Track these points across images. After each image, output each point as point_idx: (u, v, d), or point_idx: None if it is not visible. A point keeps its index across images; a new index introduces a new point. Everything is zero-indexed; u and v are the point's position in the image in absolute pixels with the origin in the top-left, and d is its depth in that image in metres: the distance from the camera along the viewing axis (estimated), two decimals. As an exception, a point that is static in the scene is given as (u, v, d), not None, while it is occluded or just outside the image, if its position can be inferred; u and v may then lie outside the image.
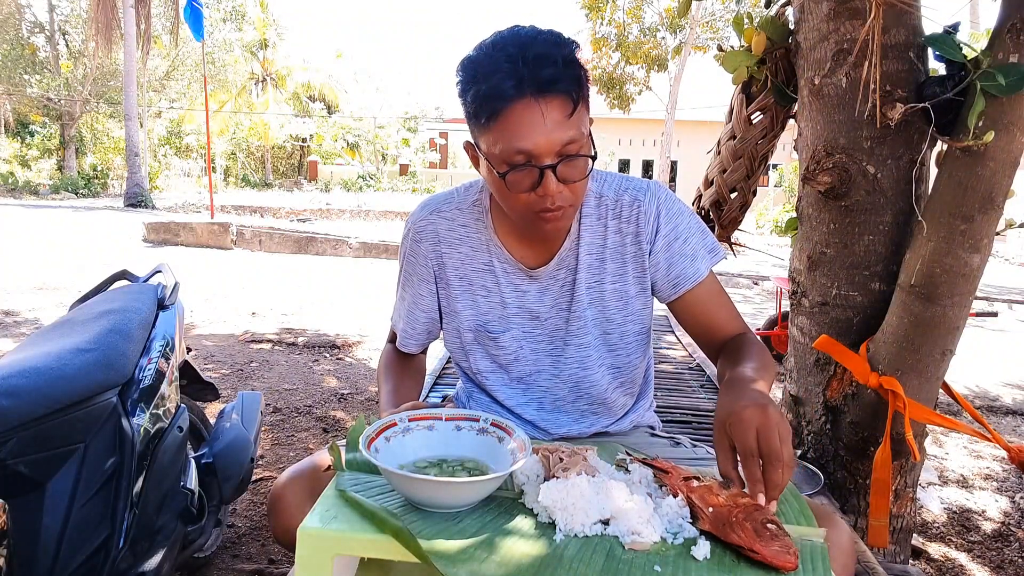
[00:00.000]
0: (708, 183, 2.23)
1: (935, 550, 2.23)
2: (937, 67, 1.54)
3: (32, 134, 22.34)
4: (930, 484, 2.72)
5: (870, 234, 1.64)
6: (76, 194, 17.78)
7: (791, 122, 2.01)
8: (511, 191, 1.00)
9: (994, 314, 4.55)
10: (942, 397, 1.69)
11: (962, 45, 1.42)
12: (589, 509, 0.78)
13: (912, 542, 1.99)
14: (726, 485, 0.85)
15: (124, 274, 1.82)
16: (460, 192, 1.22)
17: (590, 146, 1.01)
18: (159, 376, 1.46)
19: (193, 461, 1.60)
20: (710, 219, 2.22)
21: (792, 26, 1.80)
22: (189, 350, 1.87)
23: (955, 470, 2.93)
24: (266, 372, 3.93)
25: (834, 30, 1.61)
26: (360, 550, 0.77)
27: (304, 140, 27.70)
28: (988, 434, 1.58)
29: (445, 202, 1.21)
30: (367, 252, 9.83)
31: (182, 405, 1.56)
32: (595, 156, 1.01)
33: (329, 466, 0.98)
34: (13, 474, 1.13)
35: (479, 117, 0.97)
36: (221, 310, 5.61)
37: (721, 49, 2.10)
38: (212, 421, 1.90)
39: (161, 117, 24.47)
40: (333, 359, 4.32)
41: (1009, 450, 1.59)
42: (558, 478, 0.83)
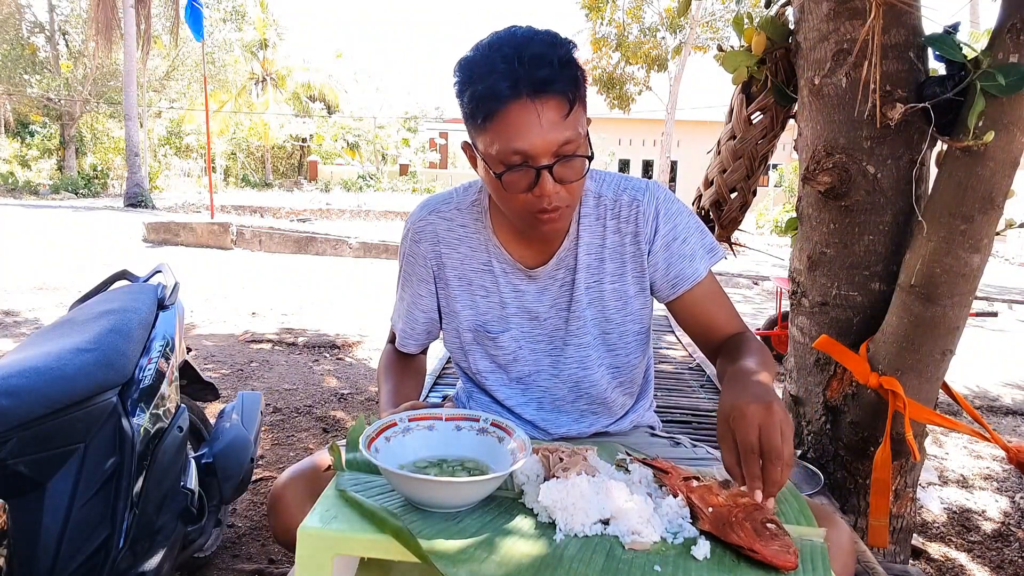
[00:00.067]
0: (708, 183, 2.23)
1: (935, 550, 2.23)
2: (937, 67, 1.54)
3: (32, 134, 22.34)
4: (930, 484, 2.72)
5: (870, 234, 1.64)
6: (76, 194, 17.78)
7: (791, 122, 2.01)
8: (508, 192, 1.00)
9: (994, 314, 4.55)
10: (942, 397, 1.69)
11: (962, 45, 1.42)
12: (589, 509, 0.78)
13: (912, 542, 1.99)
14: (726, 485, 0.85)
15: (124, 274, 1.82)
16: (459, 192, 1.22)
17: (587, 146, 1.01)
18: (159, 376, 1.46)
19: (193, 461, 1.60)
20: (710, 219, 2.23)
21: (792, 26, 1.80)
22: (189, 350, 1.87)
23: (955, 470, 2.93)
24: (266, 372, 3.93)
25: (834, 30, 1.61)
26: (360, 550, 0.77)
27: (304, 140, 27.70)
28: (987, 434, 1.58)
29: (444, 202, 1.21)
30: (367, 252, 9.83)
31: (182, 405, 1.57)
32: (592, 156, 1.01)
33: (329, 466, 0.98)
34: (13, 474, 1.13)
35: (476, 118, 0.97)
36: (221, 310, 5.61)
37: (721, 49, 2.10)
38: (212, 421, 1.90)
39: (161, 117, 24.47)
40: (333, 359, 4.32)
41: (1008, 450, 1.59)
42: (558, 478, 0.83)
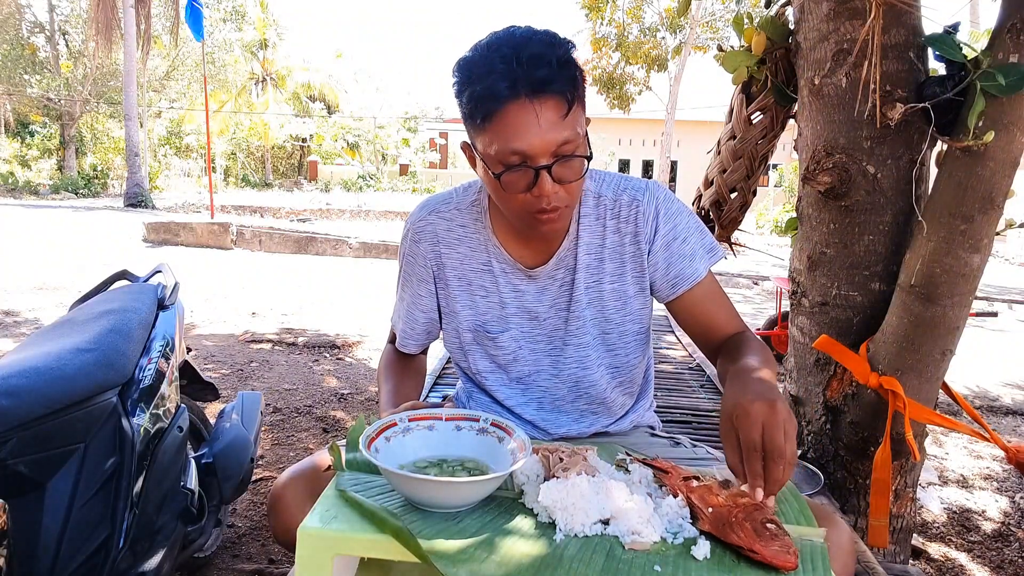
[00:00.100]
0: (708, 183, 2.23)
1: (935, 550, 2.23)
2: (937, 67, 1.54)
3: (32, 134, 22.34)
4: (930, 484, 2.72)
5: (870, 234, 1.64)
6: (76, 194, 17.77)
7: (791, 122, 2.01)
8: (507, 192, 1.00)
9: (994, 314, 4.55)
10: (942, 397, 1.69)
11: (962, 45, 1.42)
12: (589, 509, 0.78)
13: (912, 542, 1.99)
14: (726, 485, 0.85)
15: (124, 274, 1.82)
16: (459, 192, 1.22)
17: (586, 146, 1.01)
18: (159, 376, 1.46)
19: (193, 461, 1.60)
20: (710, 219, 2.22)
21: (792, 26, 1.80)
22: (189, 350, 1.87)
23: (955, 470, 2.93)
24: (266, 372, 3.93)
25: (834, 30, 1.61)
26: (360, 550, 0.77)
27: (304, 140, 27.69)
28: (986, 434, 1.58)
29: (444, 202, 1.22)
30: (367, 252, 9.83)
31: (182, 405, 1.57)
32: (590, 156, 1.01)
33: (329, 466, 0.98)
34: (13, 474, 1.13)
35: (474, 118, 0.97)
36: (221, 310, 5.61)
37: (721, 49, 2.10)
38: (212, 421, 1.90)
39: (161, 117, 24.46)
40: (333, 359, 4.32)
41: (1007, 450, 1.59)
42: (558, 478, 0.83)
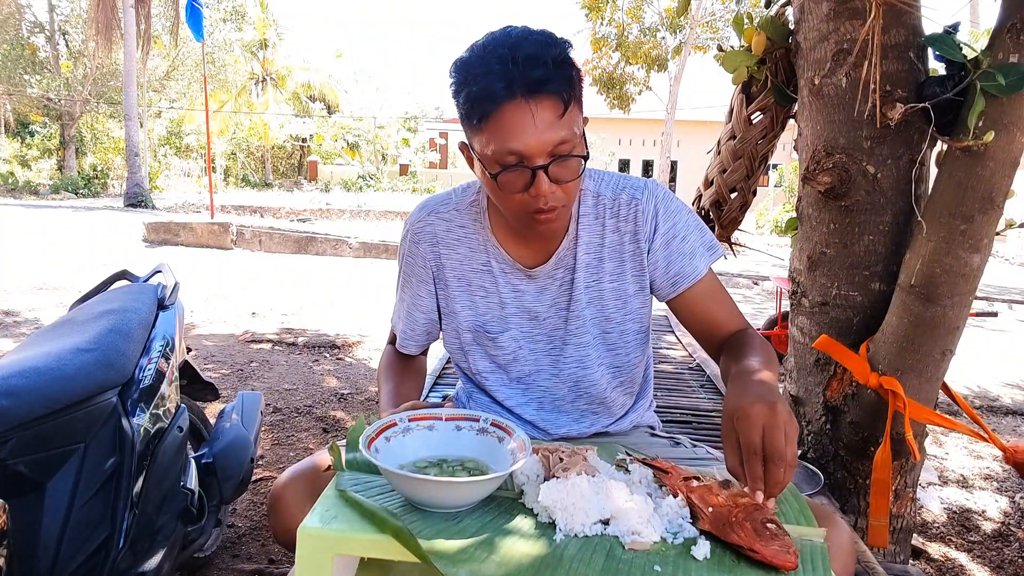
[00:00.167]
0: (708, 183, 2.23)
1: (935, 550, 2.23)
2: (937, 67, 1.54)
3: (32, 134, 22.33)
4: (930, 484, 2.72)
5: (870, 234, 1.64)
6: (76, 194, 17.76)
7: (791, 122, 2.01)
8: (504, 192, 1.00)
9: (994, 314, 4.54)
10: (942, 397, 1.69)
11: (962, 45, 1.42)
12: (589, 509, 0.78)
13: (912, 542, 1.99)
14: (726, 485, 0.85)
15: (124, 274, 1.82)
16: (458, 193, 1.22)
17: (583, 146, 1.01)
18: (159, 376, 1.46)
19: (193, 461, 1.60)
20: (710, 219, 2.22)
21: (792, 26, 1.80)
22: (189, 350, 1.87)
23: (955, 470, 2.93)
24: (266, 372, 3.93)
25: (834, 30, 1.61)
26: (360, 550, 0.77)
27: (304, 140, 27.69)
28: (985, 434, 1.58)
29: (443, 203, 1.22)
30: (367, 252, 9.83)
31: (182, 405, 1.57)
32: (587, 156, 1.01)
33: (329, 466, 0.98)
34: (13, 474, 1.13)
35: (471, 119, 0.97)
36: (221, 310, 5.61)
37: (721, 49, 2.10)
38: (212, 421, 1.90)
39: (161, 117, 24.46)
40: (333, 359, 4.32)
41: (1004, 450, 1.59)
42: (558, 478, 0.83)
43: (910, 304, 1.51)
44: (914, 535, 2.13)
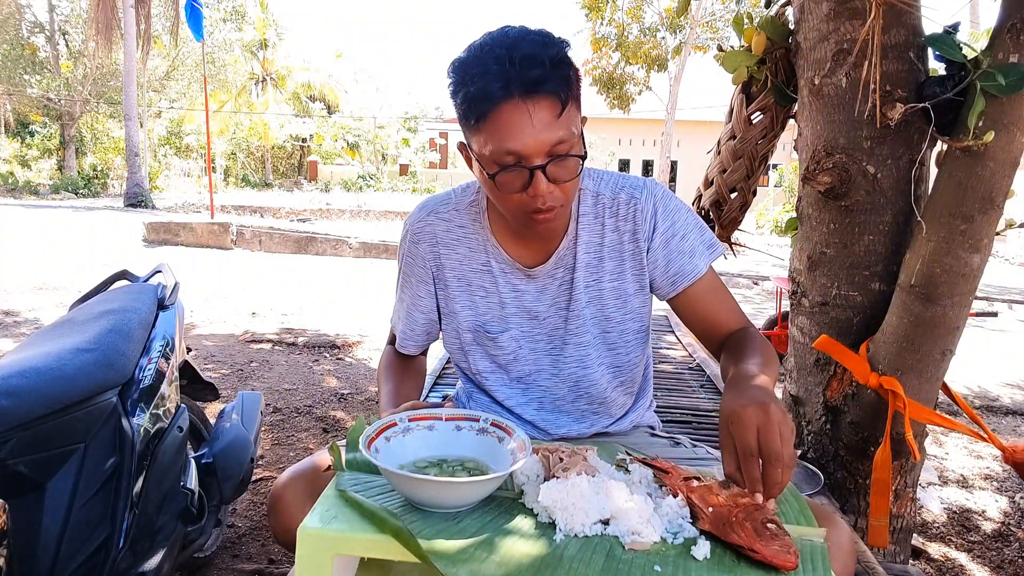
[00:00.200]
0: (708, 183, 2.23)
1: (935, 550, 2.23)
2: (937, 67, 1.54)
3: (32, 134, 22.33)
4: (930, 484, 2.72)
5: (870, 234, 1.64)
6: (76, 194, 17.76)
7: (791, 122, 2.01)
8: (502, 192, 1.00)
9: (994, 314, 4.54)
10: (942, 396, 1.69)
11: (962, 45, 1.42)
12: (589, 509, 0.78)
13: (912, 542, 1.99)
14: (726, 485, 0.85)
15: (124, 274, 1.82)
16: (457, 193, 1.22)
17: (581, 146, 1.00)
18: (159, 376, 1.46)
19: (193, 461, 1.60)
20: (710, 219, 2.22)
21: (792, 26, 1.80)
22: (189, 350, 1.87)
23: (955, 470, 2.93)
24: (266, 372, 3.93)
25: (834, 30, 1.61)
26: (360, 550, 0.77)
27: (304, 140, 27.68)
28: (985, 434, 1.58)
29: (442, 203, 1.22)
30: (367, 252, 9.83)
31: (182, 405, 1.57)
32: (585, 156, 1.01)
33: (329, 466, 0.98)
34: (13, 474, 1.13)
35: (469, 119, 0.97)
36: (221, 310, 5.61)
37: (721, 49, 2.10)
38: (212, 421, 1.90)
39: (161, 117, 24.45)
40: (333, 359, 4.32)
41: (1003, 450, 1.59)
42: (558, 478, 0.83)
43: (910, 304, 1.51)
44: (914, 535, 2.13)
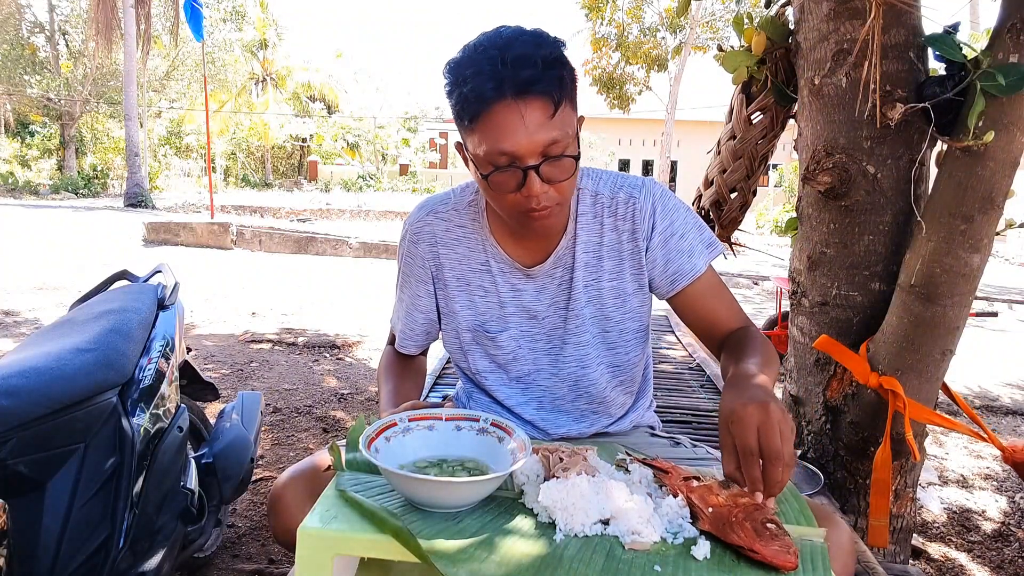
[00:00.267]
0: (708, 183, 2.23)
1: (935, 550, 2.23)
2: (937, 67, 1.54)
3: (32, 134, 22.33)
4: (930, 484, 2.72)
5: (870, 234, 1.64)
6: (76, 194, 17.76)
7: (791, 122, 2.01)
8: (496, 192, 1.01)
9: (994, 314, 4.54)
10: (942, 397, 1.69)
11: (962, 45, 1.42)
12: (589, 509, 0.78)
13: (912, 542, 1.99)
14: (726, 485, 0.85)
15: (124, 274, 1.82)
16: (456, 193, 1.22)
17: (576, 146, 1.00)
18: (159, 376, 1.46)
19: (193, 461, 1.60)
20: (710, 219, 2.22)
21: (792, 26, 1.80)
22: (189, 350, 1.87)
23: (955, 470, 2.93)
24: (266, 372, 3.93)
25: (834, 30, 1.61)
26: (360, 550, 0.77)
27: (304, 140, 27.68)
28: (984, 434, 1.58)
29: (441, 203, 1.22)
30: (367, 252, 9.83)
31: (182, 405, 1.56)
32: (578, 156, 1.01)
33: (329, 466, 0.98)
34: (13, 474, 1.13)
35: (463, 119, 0.98)
36: (221, 310, 5.61)
37: (721, 49, 2.10)
38: (212, 421, 1.90)
39: (161, 117, 24.46)
40: (333, 359, 4.32)
41: (1003, 449, 1.59)
42: (558, 478, 0.83)
43: (910, 304, 1.51)
44: (914, 535, 2.13)
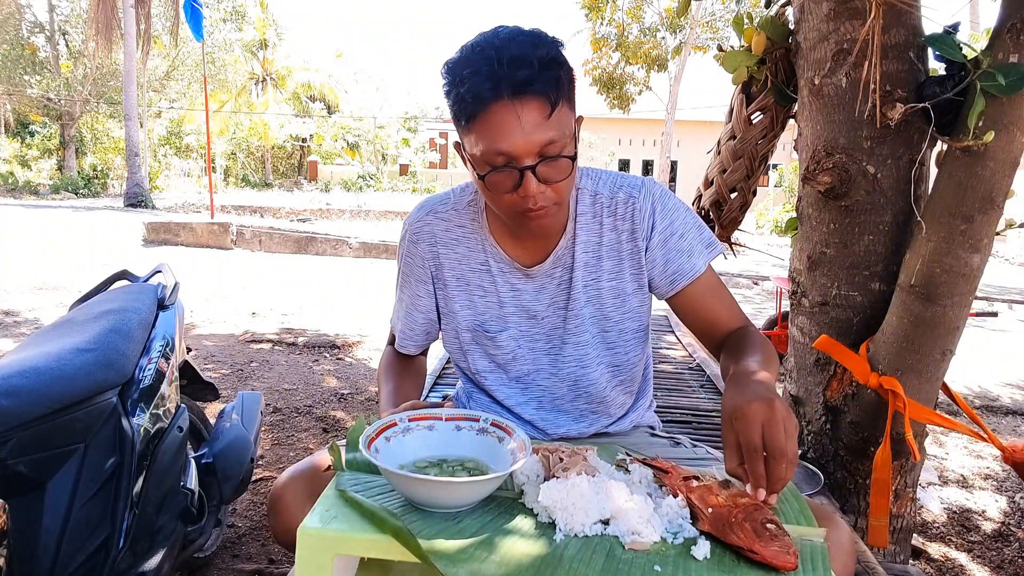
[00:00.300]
0: (708, 183, 2.23)
1: (935, 550, 2.23)
2: (937, 67, 1.54)
3: (32, 134, 22.33)
4: (930, 484, 2.72)
5: (870, 234, 1.64)
6: (76, 194, 17.75)
7: (791, 122, 2.01)
8: (492, 192, 1.01)
9: (994, 314, 4.54)
10: (942, 397, 1.69)
11: (962, 45, 1.42)
12: (589, 509, 0.78)
13: (912, 542, 1.99)
14: (726, 485, 0.85)
15: (124, 274, 1.82)
16: (456, 193, 1.22)
17: (573, 146, 1.00)
18: (159, 376, 1.46)
19: (193, 461, 1.60)
20: (710, 219, 2.22)
21: (792, 26, 1.80)
22: (189, 350, 1.87)
23: (955, 470, 2.93)
24: (266, 372, 3.93)
25: (834, 30, 1.61)
26: (360, 550, 0.77)
27: (304, 140, 27.68)
28: (984, 434, 1.58)
29: (441, 203, 1.22)
30: (367, 252, 9.83)
31: (182, 405, 1.56)
32: (575, 156, 1.01)
33: (329, 466, 0.98)
34: (13, 474, 1.13)
35: (460, 119, 0.98)
36: (221, 310, 5.61)
37: (721, 49, 2.10)
38: (212, 421, 1.90)
39: (161, 117, 24.45)
40: (333, 359, 4.32)
41: (1003, 449, 1.59)
42: (558, 478, 0.83)
43: (910, 304, 1.51)
44: (914, 535, 2.13)
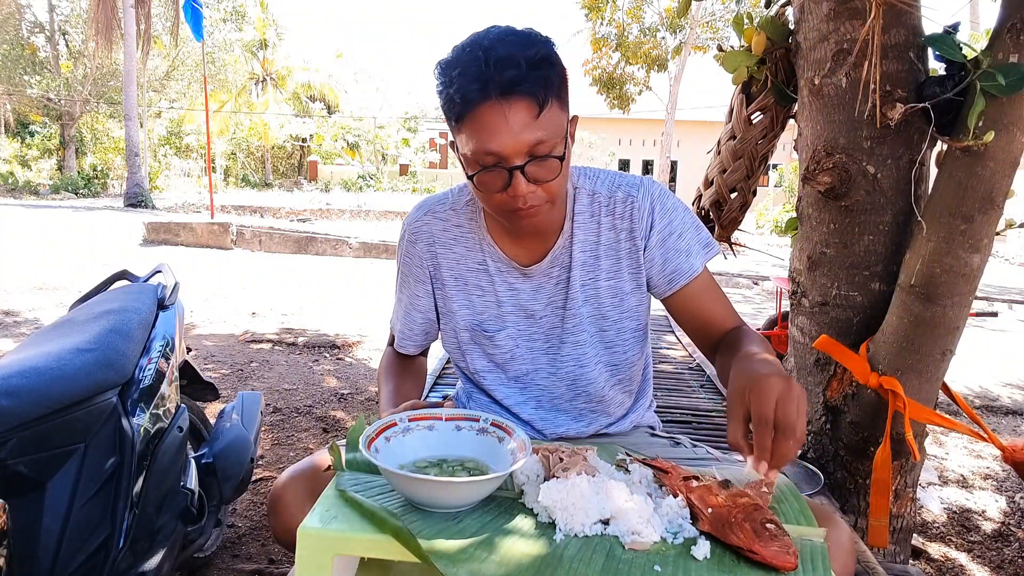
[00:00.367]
0: (708, 183, 2.23)
1: (935, 550, 2.23)
2: (937, 67, 1.54)
3: (32, 134, 22.33)
4: (930, 484, 2.72)
5: (870, 234, 1.64)
6: (76, 194, 17.76)
7: (791, 122, 2.01)
8: (482, 191, 1.01)
9: (994, 314, 4.53)
10: (942, 397, 1.69)
11: (962, 45, 1.42)
12: (589, 509, 0.78)
13: (912, 542, 1.99)
14: (726, 485, 0.85)
15: (124, 274, 1.82)
16: (455, 193, 1.22)
17: (563, 146, 1.00)
18: (159, 376, 1.46)
19: (193, 461, 1.60)
20: (710, 219, 2.23)
21: (792, 26, 1.80)
22: (189, 350, 1.87)
23: (955, 470, 2.93)
24: (266, 372, 3.93)
25: (834, 30, 1.61)
26: (360, 550, 0.77)
27: (304, 140, 27.68)
28: (984, 434, 1.58)
29: (439, 203, 1.22)
30: (367, 252, 9.83)
31: (182, 405, 1.56)
32: (564, 156, 1.01)
33: (329, 466, 0.98)
34: (13, 474, 1.13)
35: (451, 119, 0.99)
36: (221, 310, 5.61)
37: (721, 49, 2.10)
38: (212, 421, 1.90)
39: (161, 117, 24.46)
40: (333, 359, 4.32)
41: (1003, 449, 1.59)
42: (558, 478, 0.83)
43: (910, 304, 1.51)
44: (914, 535, 2.13)
